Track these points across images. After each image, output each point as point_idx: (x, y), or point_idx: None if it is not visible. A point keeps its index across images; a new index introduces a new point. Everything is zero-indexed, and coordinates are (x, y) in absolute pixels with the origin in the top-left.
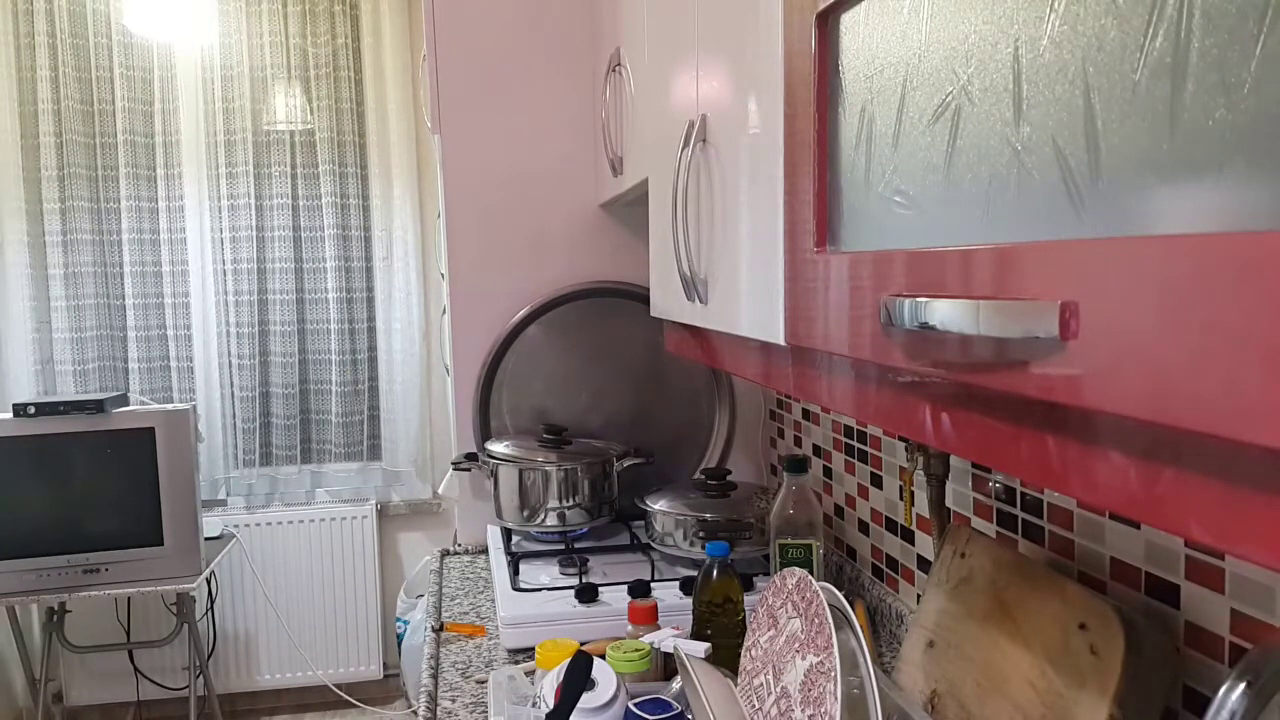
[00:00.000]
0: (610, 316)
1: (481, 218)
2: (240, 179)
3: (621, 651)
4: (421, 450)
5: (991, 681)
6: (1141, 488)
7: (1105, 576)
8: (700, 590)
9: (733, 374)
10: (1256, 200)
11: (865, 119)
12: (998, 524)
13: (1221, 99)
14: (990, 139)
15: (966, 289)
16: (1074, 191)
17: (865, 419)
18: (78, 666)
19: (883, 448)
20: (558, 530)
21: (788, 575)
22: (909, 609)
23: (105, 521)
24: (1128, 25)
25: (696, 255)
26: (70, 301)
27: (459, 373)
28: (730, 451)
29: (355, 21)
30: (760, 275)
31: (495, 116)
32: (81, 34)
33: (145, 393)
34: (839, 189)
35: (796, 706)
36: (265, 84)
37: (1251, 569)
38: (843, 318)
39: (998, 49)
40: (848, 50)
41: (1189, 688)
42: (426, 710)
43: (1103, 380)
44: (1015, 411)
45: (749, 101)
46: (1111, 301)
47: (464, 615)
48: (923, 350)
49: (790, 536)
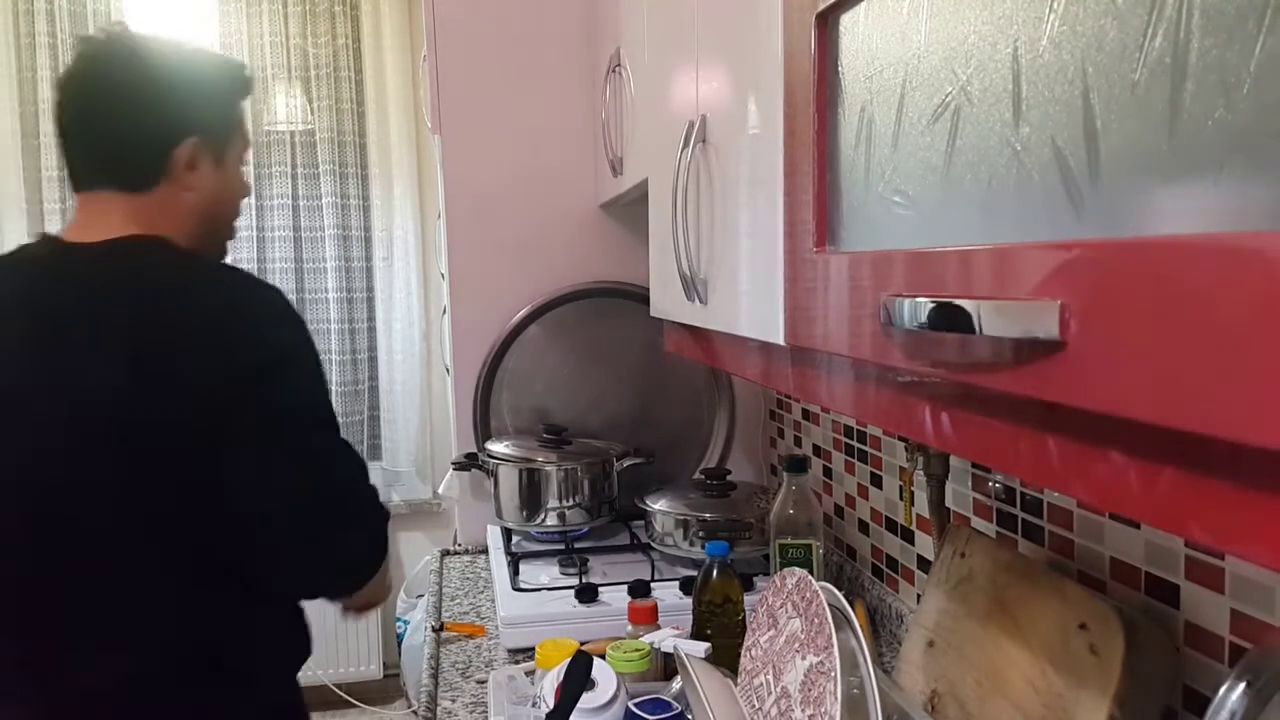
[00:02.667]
0: (610, 316)
1: (481, 218)
2: None
3: (621, 651)
4: (421, 450)
5: (991, 681)
6: (1141, 488)
7: (1105, 576)
8: (700, 590)
9: (733, 374)
10: (1256, 200)
11: (865, 119)
12: (998, 524)
13: (1221, 99)
14: (990, 139)
15: (966, 289)
16: (1073, 192)
17: (865, 419)
18: None
19: (883, 448)
20: (558, 530)
21: (788, 575)
22: (909, 609)
23: None
24: (1127, 25)
25: (696, 255)
26: None
27: (459, 373)
28: (730, 451)
29: (355, 21)
30: (760, 275)
31: (495, 116)
32: (82, 34)
33: None
34: (839, 189)
35: (796, 706)
36: (265, 84)
37: (1251, 569)
38: (842, 318)
39: (997, 49)
40: (847, 50)
41: (1189, 688)
42: (426, 710)
43: (1102, 380)
44: (1015, 411)
45: (749, 102)
46: (1111, 301)
47: (464, 615)
48: (922, 350)
49: (790, 536)
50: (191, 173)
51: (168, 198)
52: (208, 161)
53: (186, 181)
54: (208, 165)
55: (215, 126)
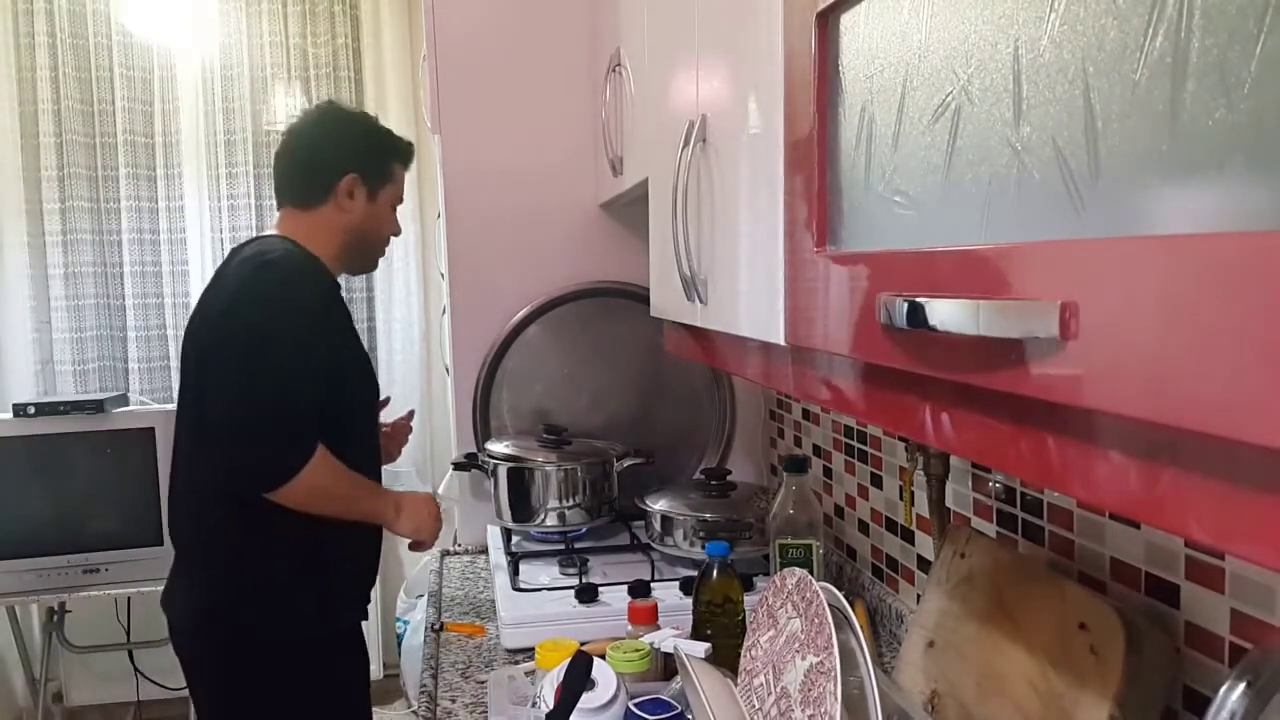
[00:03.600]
0: (610, 316)
1: (481, 218)
2: (240, 179)
3: (621, 651)
4: (421, 450)
5: (992, 681)
6: (1141, 488)
7: (1105, 576)
8: (700, 590)
9: (733, 374)
10: (1256, 200)
11: (865, 119)
12: (998, 524)
13: (1221, 99)
14: (990, 139)
15: (966, 289)
16: (1074, 191)
17: (865, 419)
18: (78, 666)
19: (883, 448)
20: (558, 530)
21: (788, 575)
22: (909, 609)
23: (105, 521)
24: (1128, 25)
25: (696, 255)
26: (70, 301)
27: (459, 373)
28: (730, 451)
29: (355, 21)
30: (760, 275)
31: (495, 116)
32: (81, 34)
33: (145, 393)
34: (839, 189)
35: (796, 706)
36: (265, 84)
37: (1251, 569)
38: (843, 318)
39: (998, 49)
40: (848, 50)
41: (1189, 688)
42: (426, 710)
43: (1103, 380)
44: (1015, 411)
45: (749, 101)
46: (1111, 301)
47: (464, 615)
48: (923, 350)
49: (790, 536)
50: (348, 199)
51: (327, 215)
52: (362, 195)
53: (343, 205)
54: (361, 197)
55: (370, 171)
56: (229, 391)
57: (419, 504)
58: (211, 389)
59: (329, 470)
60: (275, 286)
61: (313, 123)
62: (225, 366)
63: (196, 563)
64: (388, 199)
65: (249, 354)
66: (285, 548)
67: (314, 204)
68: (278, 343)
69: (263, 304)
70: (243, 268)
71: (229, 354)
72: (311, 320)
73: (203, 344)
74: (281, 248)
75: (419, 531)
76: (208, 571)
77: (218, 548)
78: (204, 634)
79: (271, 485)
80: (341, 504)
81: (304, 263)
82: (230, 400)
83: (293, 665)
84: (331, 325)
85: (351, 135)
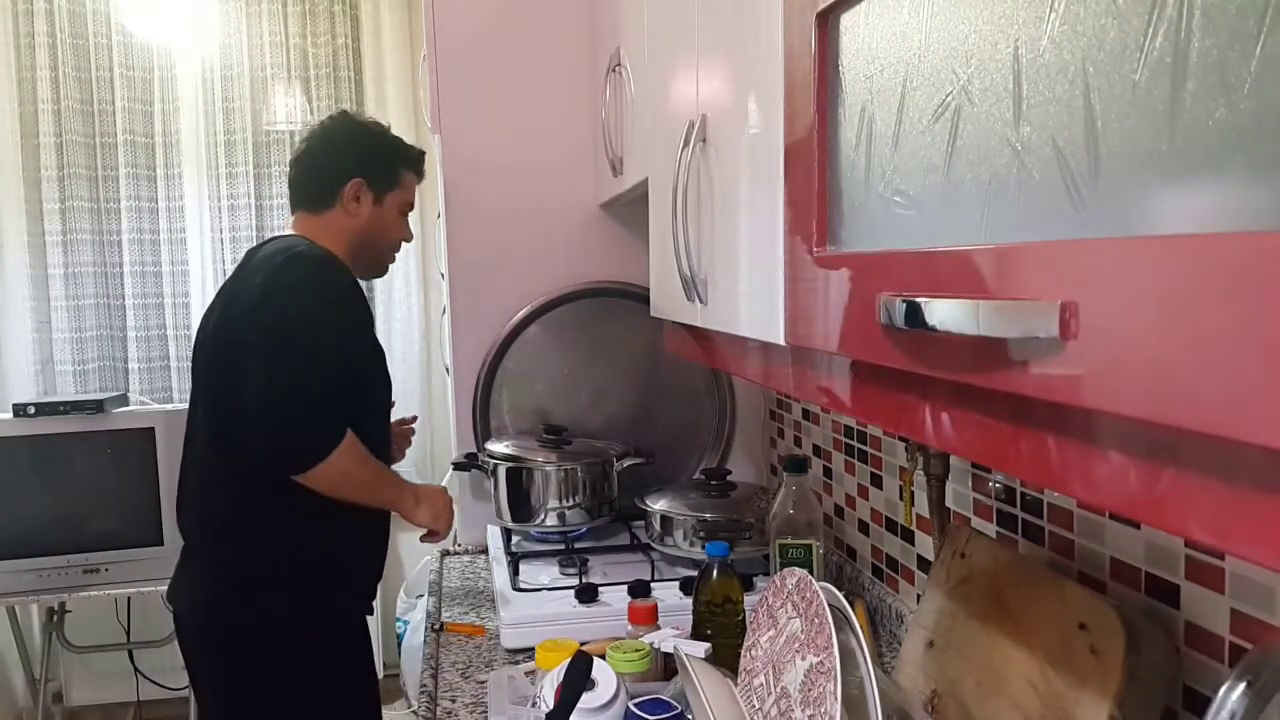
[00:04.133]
0: (610, 316)
1: (481, 218)
2: (240, 179)
3: (621, 651)
4: (422, 450)
5: (991, 681)
6: (1141, 488)
7: (1105, 576)
8: (700, 590)
9: (733, 374)
10: (1256, 200)
11: (865, 119)
12: (998, 524)
13: (1221, 99)
14: (990, 139)
15: (966, 289)
16: (1074, 191)
17: (865, 419)
18: (78, 666)
19: (883, 448)
20: (558, 530)
21: (788, 575)
22: (909, 609)
23: (105, 521)
24: (1128, 25)
25: (696, 255)
26: (70, 301)
27: (459, 373)
28: (730, 451)
29: (355, 21)
30: (760, 275)
31: (495, 116)
32: (81, 34)
33: (145, 393)
34: (839, 189)
35: (796, 706)
36: (265, 84)
37: (1251, 569)
38: (843, 318)
39: (998, 49)
40: (848, 50)
41: (1189, 688)
42: (426, 710)
43: (1103, 380)
44: (1015, 411)
45: (749, 101)
46: (1111, 301)
47: (464, 615)
48: (923, 350)
49: (790, 536)
50: (354, 203)
51: (335, 219)
52: (368, 199)
53: (349, 209)
54: (367, 201)
55: (376, 175)
56: (271, 373)
57: (436, 495)
58: (250, 371)
59: (356, 455)
60: (307, 276)
61: (324, 130)
62: (264, 350)
63: (205, 553)
64: (395, 204)
65: (289, 338)
66: (295, 539)
67: (323, 208)
68: (313, 328)
69: (298, 292)
70: (272, 259)
71: (268, 338)
72: (341, 310)
73: (236, 332)
74: (305, 243)
75: (436, 521)
76: (217, 562)
77: (227, 538)
78: (211, 624)
79: (305, 465)
80: (365, 490)
81: (329, 257)
82: (269, 382)
83: (300, 656)
84: (357, 318)
85: (359, 141)
